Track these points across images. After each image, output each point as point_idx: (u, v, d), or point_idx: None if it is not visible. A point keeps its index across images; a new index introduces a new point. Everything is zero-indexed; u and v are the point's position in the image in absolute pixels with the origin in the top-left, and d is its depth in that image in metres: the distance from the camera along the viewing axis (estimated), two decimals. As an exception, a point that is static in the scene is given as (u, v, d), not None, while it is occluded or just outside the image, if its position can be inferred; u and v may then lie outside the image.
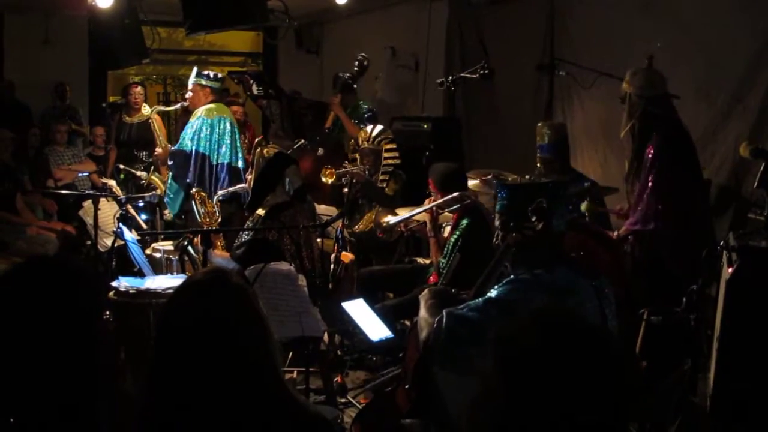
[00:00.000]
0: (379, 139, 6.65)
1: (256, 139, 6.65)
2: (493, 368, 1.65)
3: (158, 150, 7.33)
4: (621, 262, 4.71)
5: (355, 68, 7.75)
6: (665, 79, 5.03)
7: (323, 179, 6.93)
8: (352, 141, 7.35)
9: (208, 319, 1.96)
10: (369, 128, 6.80)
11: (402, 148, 6.83)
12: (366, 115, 7.66)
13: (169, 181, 7.07)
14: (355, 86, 7.85)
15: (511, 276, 3.15)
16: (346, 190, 6.72)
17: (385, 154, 6.64)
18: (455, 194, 5.19)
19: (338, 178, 6.85)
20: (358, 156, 6.78)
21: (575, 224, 4.85)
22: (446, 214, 5.47)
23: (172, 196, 6.97)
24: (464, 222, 5.14)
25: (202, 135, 6.77)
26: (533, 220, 3.09)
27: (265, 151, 5.82)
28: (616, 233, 5.10)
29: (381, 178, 6.61)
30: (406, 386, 3.52)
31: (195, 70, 7.12)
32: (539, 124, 5.97)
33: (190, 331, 1.95)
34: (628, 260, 4.91)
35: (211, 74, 7.10)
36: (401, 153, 6.75)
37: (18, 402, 1.93)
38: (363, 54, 7.78)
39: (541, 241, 3.10)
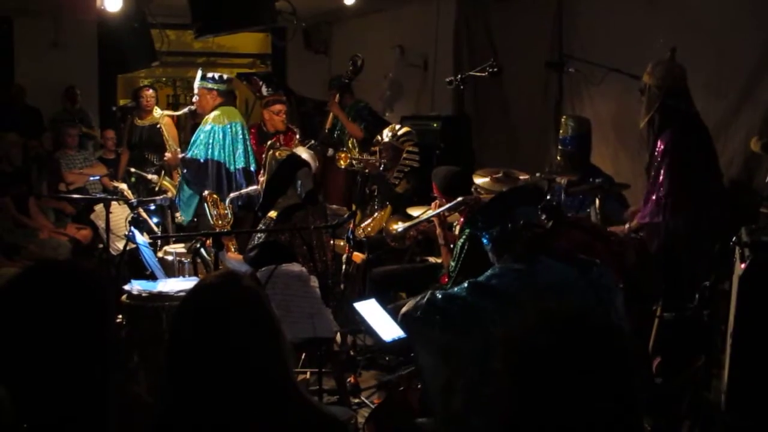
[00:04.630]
0: (404, 139, 6.72)
1: (269, 142, 6.63)
2: (503, 369, 1.65)
3: (167, 155, 7.30)
4: (620, 258, 4.68)
5: (350, 68, 7.78)
6: (686, 72, 4.99)
7: (337, 163, 7.13)
8: (352, 140, 7.44)
9: (221, 321, 1.96)
10: (397, 126, 6.95)
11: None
12: (363, 112, 7.70)
13: (181, 186, 7.05)
14: (351, 86, 7.91)
15: (496, 266, 3.18)
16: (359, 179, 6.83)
17: (406, 155, 6.71)
18: (459, 199, 5.21)
19: (351, 164, 6.94)
20: (378, 148, 6.83)
21: (573, 221, 4.84)
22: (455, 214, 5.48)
23: (185, 200, 6.95)
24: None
25: (215, 142, 6.72)
26: (543, 218, 3.10)
27: (277, 153, 5.82)
28: (627, 226, 5.08)
29: (395, 175, 6.66)
30: (419, 385, 3.53)
31: (199, 73, 6.98)
32: (564, 117, 5.95)
33: (203, 334, 1.96)
34: (632, 254, 4.88)
35: (216, 76, 6.96)
36: (421, 158, 6.80)
37: (28, 405, 1.93)
38: (357, 54, 7.80)
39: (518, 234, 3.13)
